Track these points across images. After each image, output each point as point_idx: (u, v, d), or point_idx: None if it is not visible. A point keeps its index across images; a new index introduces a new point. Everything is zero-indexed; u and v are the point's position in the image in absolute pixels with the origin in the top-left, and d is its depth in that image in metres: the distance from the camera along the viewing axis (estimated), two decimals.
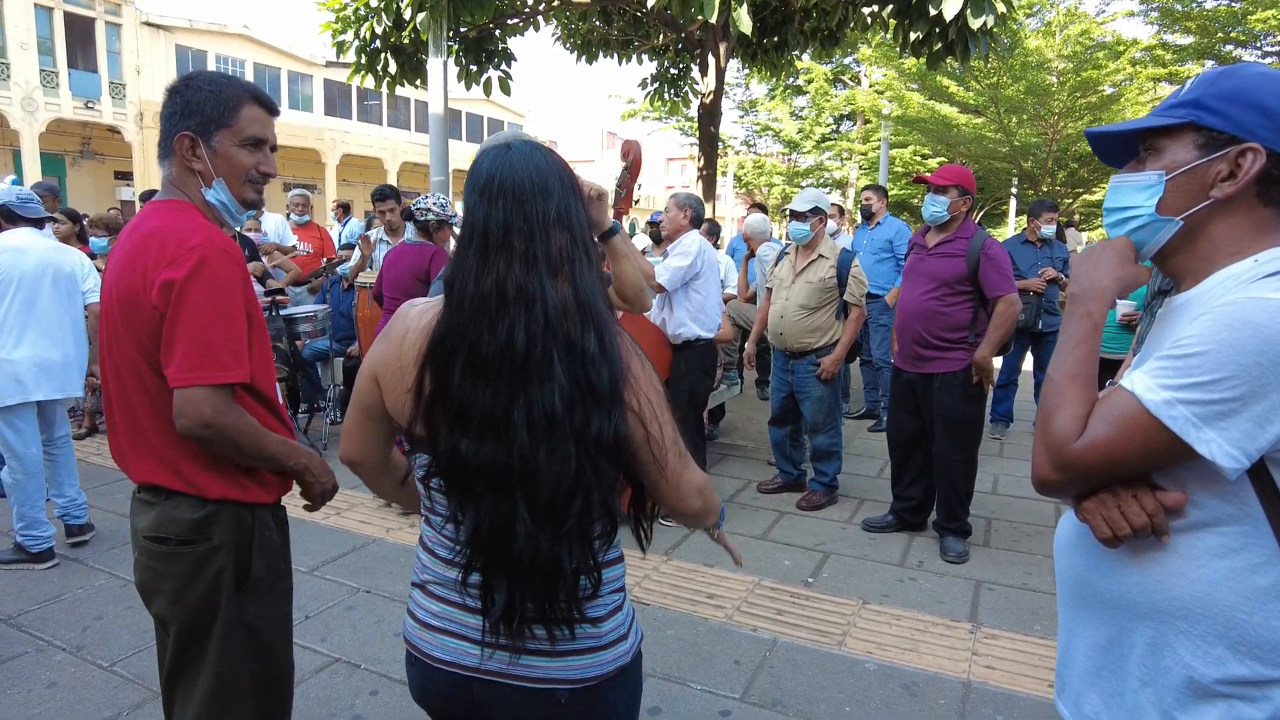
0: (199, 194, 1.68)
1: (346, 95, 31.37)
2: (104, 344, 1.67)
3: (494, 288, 1.12)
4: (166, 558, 1.63)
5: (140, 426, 1.62)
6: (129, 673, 2.89)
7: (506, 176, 1.16)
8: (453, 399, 1.13)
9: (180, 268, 1.52)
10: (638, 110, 20.03)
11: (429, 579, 1.30)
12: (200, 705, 1.67)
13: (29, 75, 22.22)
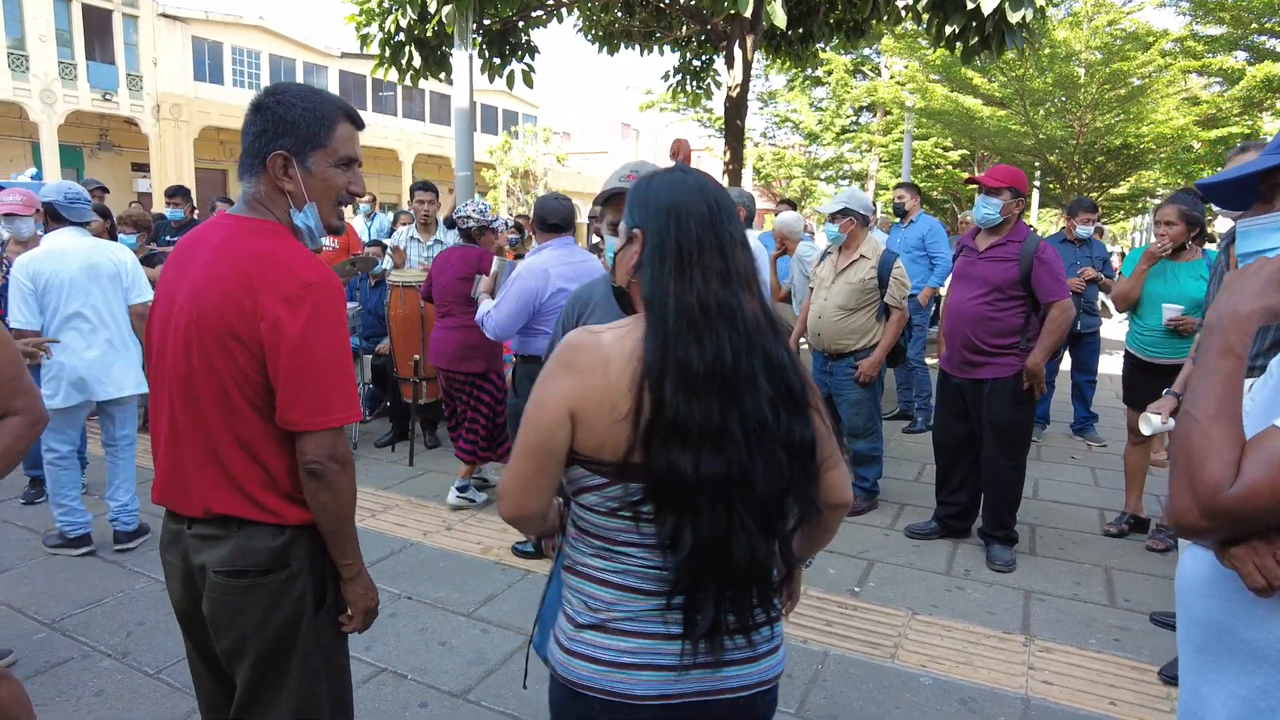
0: (286, 215, 1.60)
1: (361, 87, 31.31)
2: (171, 366, 1.57)
3: (696, 304, 1.19)
4: (245, 590, 1.55)
5: (219, 457, 1.53)
6: (175, 681, 2.86)
7: (694, 198, 1.25)
8: (670, 418, 1.15)
9: (299, 307, 1.47)
10: (656, 102, 19.93)
11: (615, 616, 1.25)
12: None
13: (48, 67, 22.28)
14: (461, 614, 3.36)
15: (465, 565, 3.84)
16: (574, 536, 1.34)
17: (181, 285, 1.56)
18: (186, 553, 1.60)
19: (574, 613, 1.30)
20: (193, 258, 1.59)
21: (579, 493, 1.27)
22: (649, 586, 1.24)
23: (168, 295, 1.60)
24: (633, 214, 1.31)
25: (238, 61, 27.39)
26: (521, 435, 1.25)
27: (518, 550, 3.93)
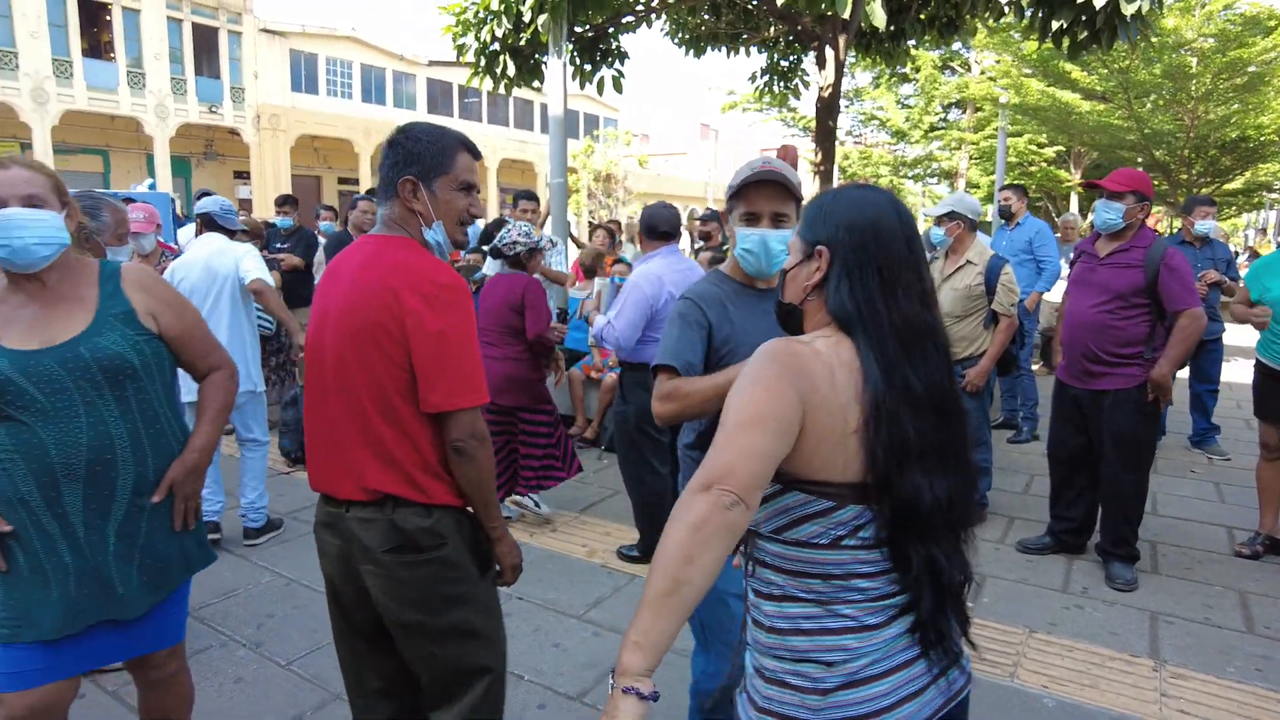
0: (419, 232, 1.81)
1: (448, 93, 32.15)
2: (331, 365, 1.74)
3: (905, 325, 1.19)
4: (411, 566, 1.72)
5: (376, 441, 1.70)
6: (305, 673, 3.00)
7: (889, 215, 1.24)
8: (905, 438, 1.15)
9: (435, 304, 1.68)
10: (739, 102, 19.84)
11: (863, 664, 1.18)
12: (481, 692, 1.83)
13: (162, 84, 23.67)
14: (572, 616, 3.43)
15: (572, 567, 3.91)
16: (778, 589, 1.23)
17: (334, 294, 1.78)
18: (347, 534, 1.76)
19: (814, 681, 1.19)
20: (342, 271, 1.81)
21: (792, 525, 1.19)
22: (876, 619, 1.19)
23: (323, 305, 1.82)
24: (814, 230, 1.28)
25: (331, 72, 28.49)
26: (749, 409, 1.12)
27: (623, 554, 3.97)
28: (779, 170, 1.99)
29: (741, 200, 2.05)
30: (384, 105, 30.12)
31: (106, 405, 1.79)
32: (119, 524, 1.82)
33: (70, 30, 21.89)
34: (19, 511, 1.74)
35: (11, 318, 1.77)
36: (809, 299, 1.29)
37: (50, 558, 1.76)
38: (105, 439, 1.78)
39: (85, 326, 1.80)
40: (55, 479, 1.74)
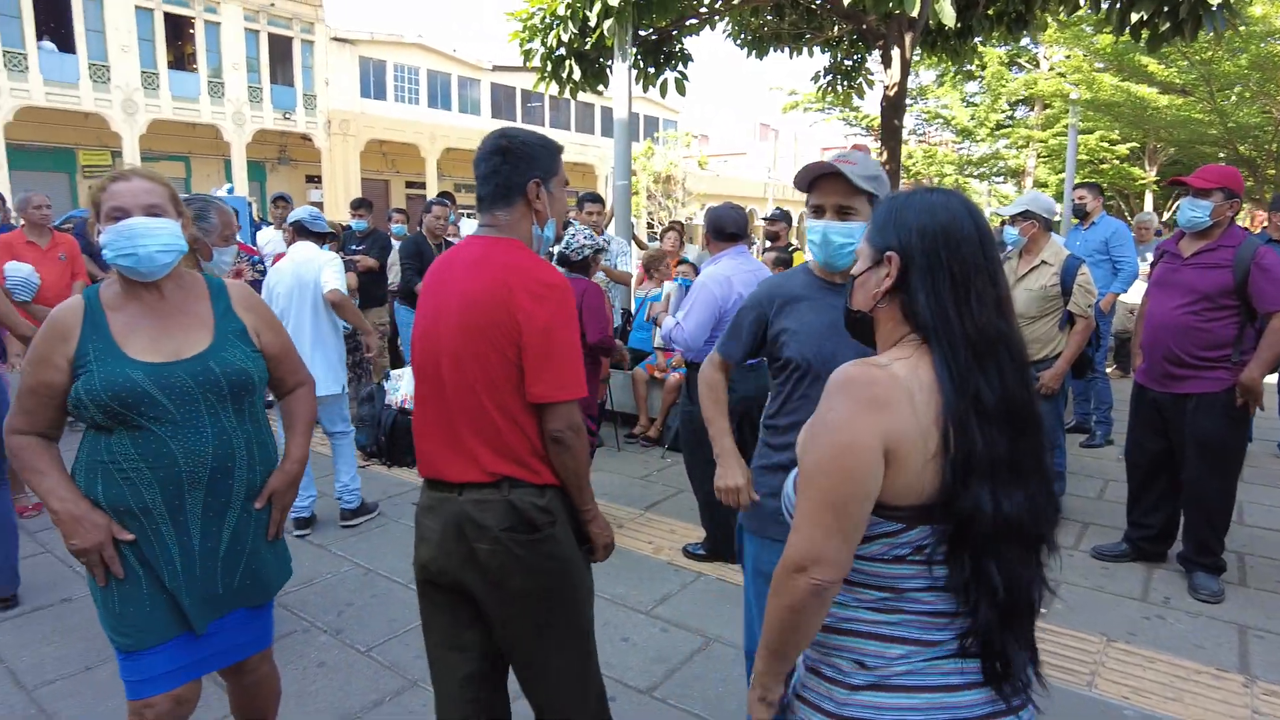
0: (528, 233, 1.92)
1: (511, 98, 32.66)
2: (448, 359, 1.83)
3: (978, 334, 1.16)
4: (527, 544, 1.80)
5: (493, 427, 1.80)
6: (384, 659, 3.11)
7: (963, 221, 1.21)
8: (974, 454, 1.12)
9: (547, 304, 1.79)
10: (800, 102, 19.69)
11: (897, 670, 1.18)
12: (578, 663, 1.93)
13: (239, 92, 24.62)
14: (640, 611, 3.47)
15: (639, 564, 3.96)
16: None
17: (448, 293, 1.86)
18: (459, 516, 1.82)
19: (843, 675, 1.21)
20: (451, 271, 1.90)
21: (859, 542, 1.17)
22: (931, 636, 1.18)
23: (435, 304, 1.90)
24: (883, 235, 1.24)
25: (399, 78, 29.21)
26: (831, 488, 1.12)
27: (689, 552, 4.01)
28: (837, 163, 1.99)
29: (811, 193, 2.09)
30: (449, 110, 30.74)
31: (228, 416, 1.88)
32: (232, 529, 1.90)
33: (157, 44, 22.95)
34: (139, 521, 1.80)
35: (132, 327, 1.84)
36: (879, 306, 1.26)
37: (163, 567, 1.82)
38: (227, 448, 1.86)
39: (210, 342, 1.88)
40: (181, 487, 1.80)
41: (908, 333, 1.22)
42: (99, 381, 1.75)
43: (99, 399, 1.74)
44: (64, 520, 1.77)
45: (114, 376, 1.76)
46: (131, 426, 1.78)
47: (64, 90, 21.42)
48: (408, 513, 4.68)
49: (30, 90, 20.83)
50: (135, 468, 1.78)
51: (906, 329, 1.22)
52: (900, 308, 1.22)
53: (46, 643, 3.20)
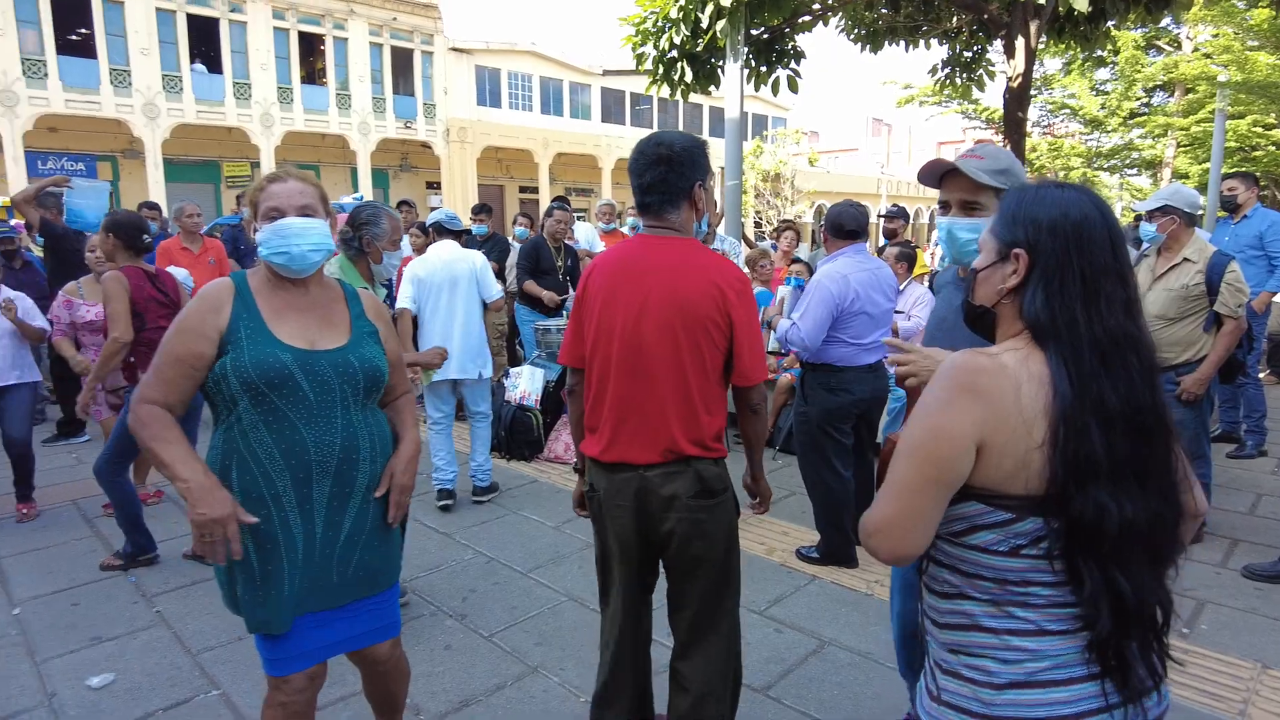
0: (693, 228, 2.16)
1: (621, 101, 33.09)
2: (650, 350, 2.04)
3: (1106, 337, 1.14)
4: (710, 509, 2.11)
5: (692, 414, 2.06)
6: (506, 645, 3.24)
7: (1094, 219, 1.18)
8: (1092, 455, 1.10)
9: (745, 298, 2.08)
10: (915, 96, 19.10)
11: (1043, 666, 1.17)
12: (724, 625, 2.24)
13: (365, 103, 25.99)
14: (754, 611, 3.48)
15: (751, 564, 3.93)
16: (952, 588, 1.23)
17: (648, 292, 2.05)
18: (646, 491, 2.09)
19: (988, 675, 1.19)
20: (644, 268, 2.08)
21: (969, 532, 1.18)
22: (1059, 626, 1.17)
23: (633, 301, 2.05)
24: (1010, 230, 1.22)
25: (513, 86, 30.10)
26: (912, 468, 1.15)
27: (803, 555, 3.98)
28: (958, 160, 1.96)
29: (940, 188, 2.08)
30: (561, 116, 31.45)
31: (356, 410, 1.94)
32: (353, 519, 1.95)
33: (292, 61, 24.53)
34: (269, 508, 1.84)
35: (279, 314, 1.91)
36: (1003, 303, 1.24)
37: (286, 553, 1.87)
38: (353, 440, 1.91)
39: (348, 338, 1.96)
40: (310, 474, 1.86)
41: (1022, 328, 1.21)
42: (249, 358, 1.80)
43: (247, 376, 1.79)
44: (193, 489, 1.76)
45: (264, 355, 1.81)
46: (268, 412, 1.82)
47: (211, 108, 23.20)
48: (527, 505, 4.85)
49: (184, 109, 22.66)
50: (269, 455, 1.83)
51: (1021, 324, 1.21)
52: (1021, 304, 1.21)
53: (206, 612, 3.49)
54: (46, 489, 4.74)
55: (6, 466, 4.63)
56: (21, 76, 20.09)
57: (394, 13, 26.25)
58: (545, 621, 3.42)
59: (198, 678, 2.99)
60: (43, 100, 20.46)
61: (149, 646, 3.22)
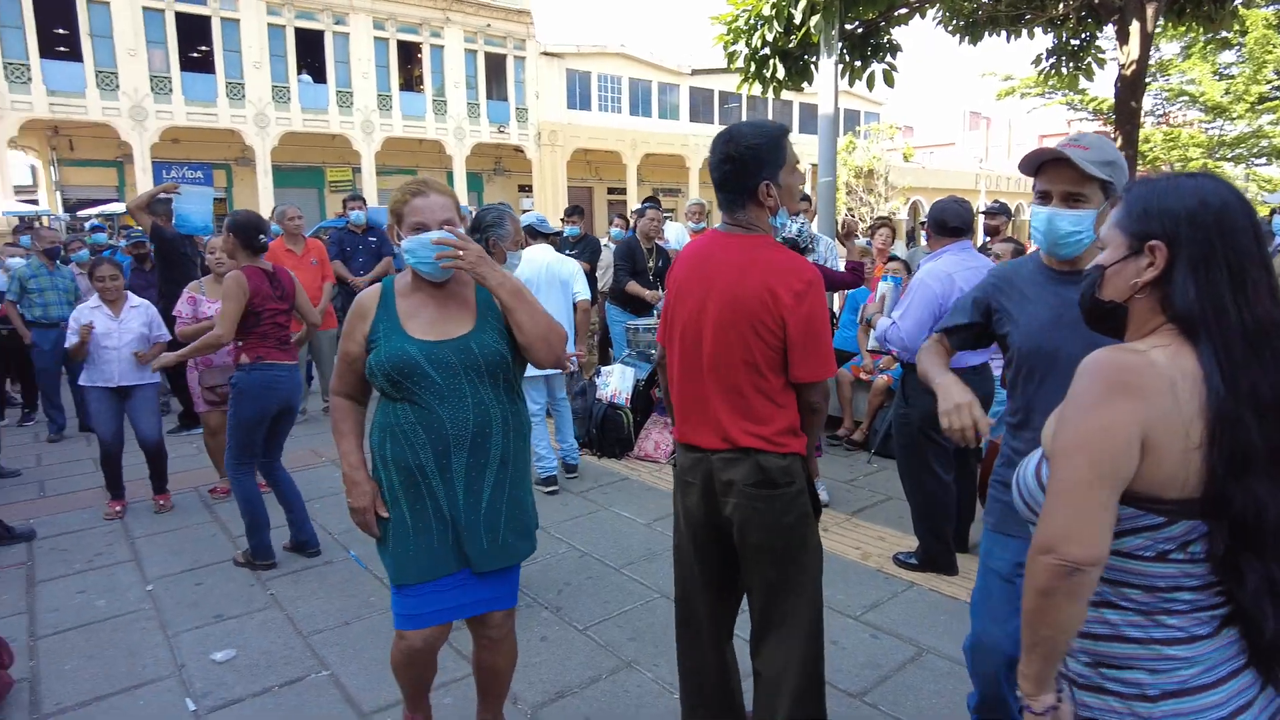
0: (768, 224, 2.13)
1: (709, 100, 33.04)
2: (709, 344, 2.08)
3: (1254, 324, 1.11)
4: (767, 499, 2.08)
5: (749, 408, 2.07)
6: (600, 639, 3.28)
7: (1235, 207, 1.16)
8: (1250, 450, 1.08)
9: (806, 299, 2.02)
10: (1017, 88, 18.34)
11: (1196, 671, 1.15)
12: (794, 618, 2.15)
13: (459, 109, 26.77)
14: (849, 616, 3.42)
15: (847, 568, 3.89)
16: (1095, 596, 1.19)
17: (712, 289, 2.08)
18: (710, 473, 2.13)
19: (1139, 688, 1.17)
20: (711, 267, 2.12)
21: (1116, 537, 1.13)
22: (1205, 629, 1.15)
23: (698, 296, 2.11)
24: (1142, 223, 1.19)
25: (603, 88, 30.45)
26: (1083, 467, 1.10)
27: (900, 561, 3.88)
28: (1066, 148, 1.89)
29: (1037, 178, 2.01)
30: (649, 117, 31.63)
31: (485, 389, 2.12)
32: (491, 488, 2.14)
33: (391, 70, 25.49)
34: (414, 476, 2.09)
35: (415, 313, 2.16)
36: (1137, 298, 1.21)
37: (431, 516, 2.11)
38: (485, 416, 2.12)
39: (472, 326, 2.15)
40: (448, 447, 2.08)
41: (1163, 323, 1.18)
42: (384, 354, 2.08)
43: (383, 368, 2.07)
44: (348, 481, 2.17)
45: (395, 350, 2.08)
46: (407, 396, 2.08)
47: (316, 116, 24.34)
48: (618, 501, 4.90)
49: (291, 118, 23.85)
50: (413, 430, 2.08)
51: (1162, 319, 1.18)
52: (1159, 298, 1.18)
53: (315, 596, 3.67)
54: (171, 476, 5.06)
55: (134, 454, 4.96)
56: (150, 93, 21.59)
57: (488, 19, 26.93)
58: (638, 617, 3.44)
59: (309, 658, 3.15)
60: (168, 114, 21.92)
61: (265, 626, 3.40)
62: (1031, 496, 1.23)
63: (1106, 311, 1.27)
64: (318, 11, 24.01)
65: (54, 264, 6.75)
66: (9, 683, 2.89)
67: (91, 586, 3.82)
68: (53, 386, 6.84)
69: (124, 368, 4.73)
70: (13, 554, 4.22)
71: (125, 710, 2.83)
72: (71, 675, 3.05)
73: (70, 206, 21.38)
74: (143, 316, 4.87)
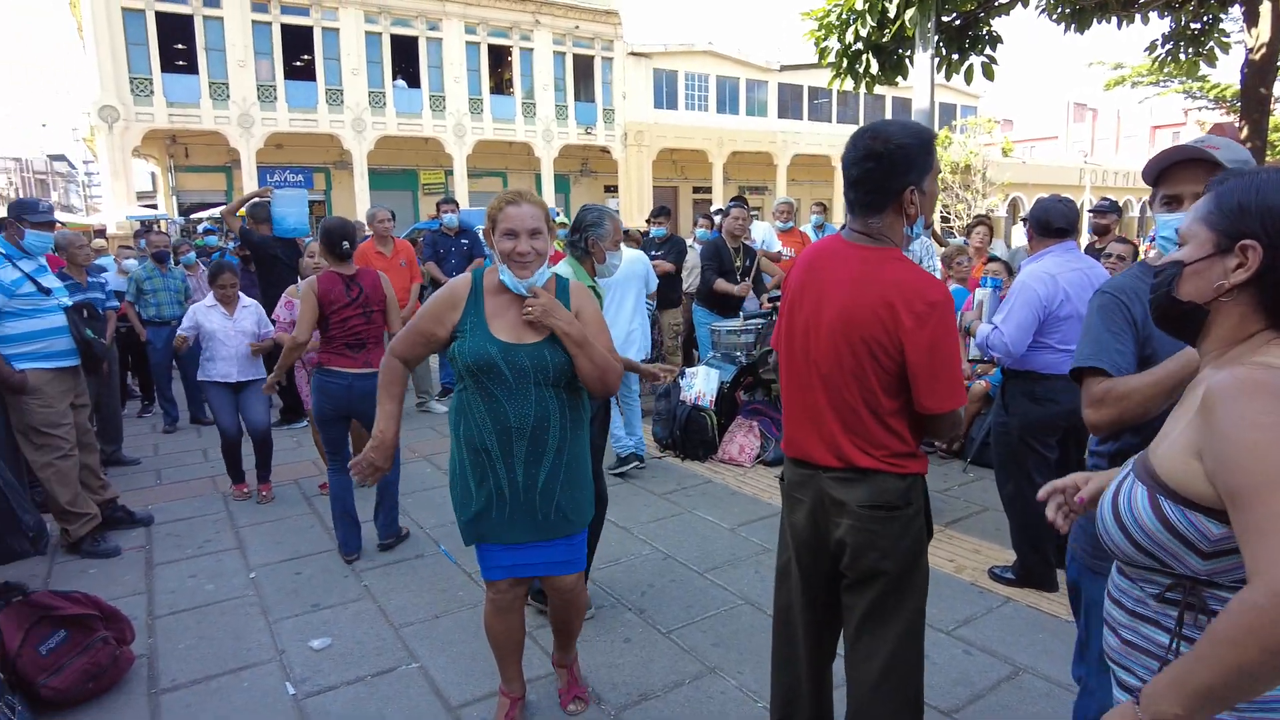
0: (901, 234, 1.93)
1: (798, 96, 32.57)
2: (823, 357, 1.94)
3: None
4: (883, 520, 1.93)
5: (864, 428, 1.92)
6: (683, 643, 3.25)
7: None
8: None
9: (929, 323, 1.81)
10: (1127, 77, 17.40)
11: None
12: (895, 643, 1.99)
13: (548, 111, 27.20)
14: (940, 630, 3.30)
15: (939, 581, 3.71)
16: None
17: (826, 301, 1.94)
18: (820, 492, 2.00)
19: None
20: (826, 274, 1.97)
21: (1223, 554, 1.09)
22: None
23: (811, 307, 1.98)
24: (1237, 221, 1.13)
25: (690, 86, 30.39)
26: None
27: (995, 575, 3.72)
28: (1206, 148, 1.73)
29: (1162, 183, 1.86)
30: (736, 115, 31.40)
31: (548, 391, 2.37)
32: (547, 472, 2.39)
33: (482, 73, 26.10)
34: (482, 456, 2.37)
35: (500, 313, 2.37)
36: (1223, 300, 1.14)
37: (495, 491, 2.38)
38: (545, 412, 2.36)
39: (547, 334, 2.35)
40: (510, 435, 2.34)
41: (1259, 329, 1.12)
42: (468, 347, 2.32)
43: (465, 360, 2.31)
44: (376, 438, 2.42)
45: (478, 347, 2.31)
46: (480, 387, 2.33)
47: (410, 120, 25.15)
48: (702, 505, 4.87)
49: (386, 123, 24.72)
50: (481, 416, 2.35)
51: (1257, 325, 1.12)
52: (1254, 303, 1.12)
53: (406, 589, 3.78)
54: (274, 468, 5.30)
55: (240, 447, 5.23)
56: (256, 101, 22.78)
57: (576, 21, 27.26)
58: (722, 623, 3.41)
59: (399, 649, 3.23)
60: (272, 120, 23.07)
61: (358, 617, 3.52)
62: (1147, 535, 1.14)
63: (1184, 312, 1.20)
64: (412, 18, 24.80)
65: (165, 266, 7.18)
66: (130, 658, 3.08)
67: (202, 571, 4.04)
68: (164, 381, 7.27)
69: (240, 364, 5.03)
70: (133, 537, 4.50)
71: (231, 690, 2.97)
72: (184, 654, 3.23)
73: (184, 210, 22.73)
74: (253, 316, 5.17)
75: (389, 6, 24.28)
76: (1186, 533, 1.11)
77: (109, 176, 21.57)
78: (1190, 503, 1.10)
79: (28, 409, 4.03)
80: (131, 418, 7.61)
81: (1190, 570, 1.12)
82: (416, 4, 24.63)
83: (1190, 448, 1.11)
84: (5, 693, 2.67)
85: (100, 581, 3.90)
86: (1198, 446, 1.09)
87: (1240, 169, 1.19)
